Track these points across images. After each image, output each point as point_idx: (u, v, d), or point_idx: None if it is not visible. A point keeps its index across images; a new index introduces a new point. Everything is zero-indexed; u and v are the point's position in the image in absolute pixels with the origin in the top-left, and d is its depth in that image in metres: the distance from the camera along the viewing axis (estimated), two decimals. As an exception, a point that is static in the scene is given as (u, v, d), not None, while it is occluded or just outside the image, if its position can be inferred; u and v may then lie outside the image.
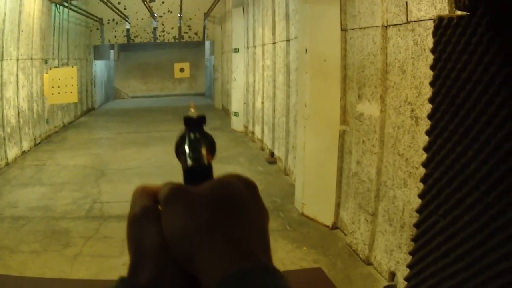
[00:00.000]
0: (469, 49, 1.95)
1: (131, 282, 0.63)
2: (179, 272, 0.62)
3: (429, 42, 4.06)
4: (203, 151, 0.71)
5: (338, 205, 7.14)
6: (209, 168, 0.70)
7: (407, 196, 4.99)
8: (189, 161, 0.71)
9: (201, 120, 0.74)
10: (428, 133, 2.41)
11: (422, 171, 2.60)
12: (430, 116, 2.38)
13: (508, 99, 1.78)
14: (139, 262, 0.64)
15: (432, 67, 2.33)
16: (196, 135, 0.73)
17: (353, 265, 6.01)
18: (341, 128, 6.94)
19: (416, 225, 2.58)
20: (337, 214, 7.15)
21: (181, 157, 0.73)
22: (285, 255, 6.28)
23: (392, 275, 5.38)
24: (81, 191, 9.57)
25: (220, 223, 0.61)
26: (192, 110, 0.78)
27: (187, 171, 0.70)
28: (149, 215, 0.66)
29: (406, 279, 2.66)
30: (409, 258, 2.71)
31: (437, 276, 2.32)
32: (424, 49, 4.61)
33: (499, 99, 1.81)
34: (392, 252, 5.33)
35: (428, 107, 2.47)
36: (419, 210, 2.55)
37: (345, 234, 6.71)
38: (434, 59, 2.27)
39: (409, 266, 2.62)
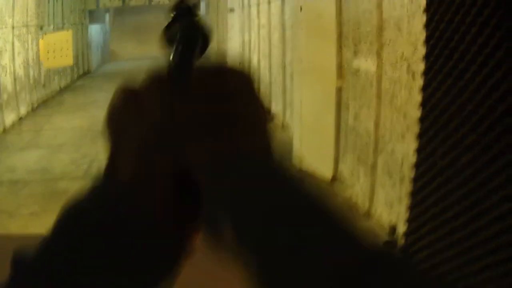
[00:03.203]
0: (462, 10, 1.94)
1: (108, 180, 0.56)
2: (165, 169, 0.55)
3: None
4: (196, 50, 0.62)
5: (336, 160, 7.13)
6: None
7: (406, 149, 4.99)
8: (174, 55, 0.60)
9: (195, 8, 0.65)
10: (423, 74, 2.40)
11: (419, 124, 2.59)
12: (424, 59, 2.38)
13: (504, 40, 1.76)
14: (119, 154, 0.56)
15: (426, 10, 2.32)
16: (192, 24, 0.64)
17: (353, 218, 6.01)
18: (337, 83, 6.91)
19: (416, 165, 2.58)
20: (336, 168, 7.15)
21: (168, 45, 0.64)
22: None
23: (393, 229, 5.40)
24: (79, 152, 9.55)
25: (212, 120, 0.55)
26: None
27: (173, 68, 0.60)
28: (133, 106, 0.58)
29: (406, 221, 2.67)
30: (409, 203, 2.71)
31: (437, 219, 2.32)
32: (420, 6, 4.56)
33: (494, 40, 1.80)
34: (393, 205, 5.35)
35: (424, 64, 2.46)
36: (417, 150, 2.55)
37: (345, 188, 6.71)
38: (427, 2, 2.25)
39: (410, 207, 2.63)
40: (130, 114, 0.57)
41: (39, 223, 6.24)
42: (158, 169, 0.55)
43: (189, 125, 0.55)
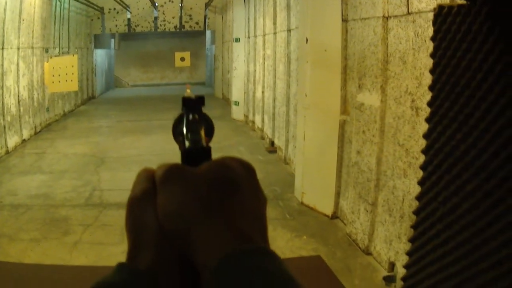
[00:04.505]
0: (468, 38, 1.95)
1: (129, 268, 0.61)
2: (179, 258, 0.61)
3: (430, 33, 4.03)
4: (202, 133, 0.70)
5: (338, 195, 7.14)
6: (207, 150, 0.67)
7: (407, 186, 4.99)
8: (186, 143, 0.69)
9: (200, 101, 0.72)
10: (428, 120, 2.41)
11: (422, 161, 2.60)
12: (430, 103, 2.38)
13: (507, 87, 1.78)
14: (138, 247, 0.63)
15: (432, 55, 2.33)
16: (195, 116, 0.72)
17: (352, 255, 6.01)
18: (341, 118, 6.93)
19: (416, 212, 2.58)
20: (337, 203, 7.16)
21: (178, 138, 0.72)
22: (284, 244, 6.29)
23: (392, 265, 5.39)
24: (81, 179, 9.57)
25: (217, 204, 0.60)
26: (188, 91, 0.77)
27: (184, 152, 0.67)
28: (150, 197, 0.63)
29: (405, 266, 2.66)
30: (409, 248, 2.72)
31: (436, 264, 2.32)
32: (425, 41, 4.60)
33: (498, 87, 1.81)
34: (392, 242, 5.34)
35: (429, 97, 2.47)
36: (418, 197, 2.55)
37: (345, 224, 6.71)
38: (434, 47, 2.27)
39: (409, 253, 2.63)
40: (149, 207, 0.63)
41: (38, 249, 6.23)
42: (173, 260, 0.62)
43: (199, 211, 0.60)
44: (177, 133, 0.72)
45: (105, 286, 0.59)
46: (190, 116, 0.72)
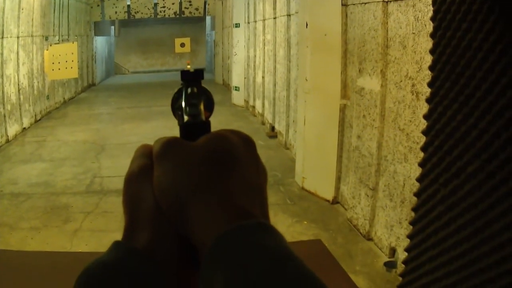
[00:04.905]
0: (468, 18, 1.91)
1: (126, 246, 0.59)
2: (177, 236, 0.59)
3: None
4: (201, 106, 0.67)
5: (338, 180, 7.13)
6: (206, 125, 0.64)
7: (408, 171, 4.97)
8: (185, 117, 0.66)
9: (199, 74, 0.70)
10: (428, 100, 2.36)
11: (422, 143, 2.57)
12: (430, 84, 2.34)
13: (508, 67, 1.74)
14: (134, 224, 0.60)
15: (432, 35, 2.29)
16: (194, 89, 0.69)
17: (353, 240, 6.00)
18: (341, 102, 6.91)
19: (417, 194, 2.54)
20: (337, 188, 7.15)
21: (177, 113, 0.69)
22: (285, 229, 6.27)
23: (393, 251, 5.38)
24: (81, 166, 9.58)
25: (214, 178, 0.57)
26: (188, 66, 0.73)
27: (183, 127, 0.64)
28: (147, 173, 0.61)
29: (406, 249, 2.62)
30: (410, 231, 2.68)
31: (438, 247, 2.29)
32: (425, 25, 4.56)
33: (499, 67, 1.77)
34: (393, 228, 5.32)
35: (429, 80, 2.43)
36: (419, 179, 2.51)
37: (346, 209, 6.69)
38: (434, 27, 2.22)
39: (410, 236, 2.59)
40: (147, 183, 0.60)
41: (38, 237, 6.22)
42: (170, 238, 0.59)
43: (196, 185, 0.57)
44: (176, 108, 0.70)
45: (101, 265, 0.56)
46: (189, 90, 0.69)
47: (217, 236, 0.51)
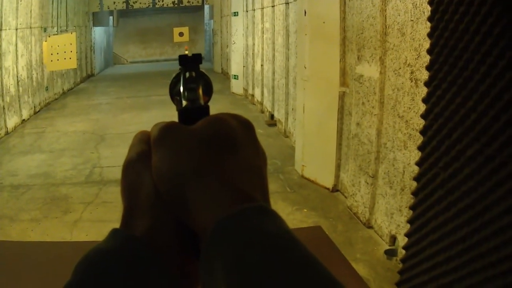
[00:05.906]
0: (466, 0, 1.90)
1: (124, 233, 0.58)
2: (177, 222, 0.58)
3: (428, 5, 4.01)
4: (199, 91, 0.67)
5: (338, 167, 7.12)
6: (205, 109, 0.64)
7: (407, 158, 4.96)
8: (183, 102, 0.66)
9: (197, 58, 0.69)
10: (426, 84, 2.36)
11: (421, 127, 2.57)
12: (428, 67, 2.34)
13: (506, 49, 1.73)
14: (133, 211, 0.59)
15: (430, 19, 2.28)
16: (192, 74, 0.69)
17: (353, 228, 6.00)
18: (340, 89, 6.89)
19: (416, 179, 2.54)
20: (337, 176, 7.14)
21: (176, 98, 0.69)
22: (285, 217, 6.12)
23: (393, 238, 5.37)
24: (81, 156, 9.58)
25: (214, 161, 0.56)
26: (187, 52, 0.73)
27: (181, 112, 0.64)
28: (145, 159, 0.60)
29: (406, 234, 2.63)
30: (410, 216, 2.68)
31: (438, 231, 2.29)
32: (423, 12, 4.54)
33: (497, 49, 1.76)
34: (393, 216, 5.32)
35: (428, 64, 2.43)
36: (419, 163, 2.51)
37: (346, 197, 6.69)
38: (431, 11, 2.22)
39: (410, 221, 2.59)
40: (145, 170, 0.60)
41: (39, 229, 6.23)
42: (169, 225, 0.58)
43: (195, 169, 0.56)
44: (174, 94, 0.69)
45: (99, 253, 0.55)
46: (187, 75, 0.69)
47: (217, 221, 0.50)
